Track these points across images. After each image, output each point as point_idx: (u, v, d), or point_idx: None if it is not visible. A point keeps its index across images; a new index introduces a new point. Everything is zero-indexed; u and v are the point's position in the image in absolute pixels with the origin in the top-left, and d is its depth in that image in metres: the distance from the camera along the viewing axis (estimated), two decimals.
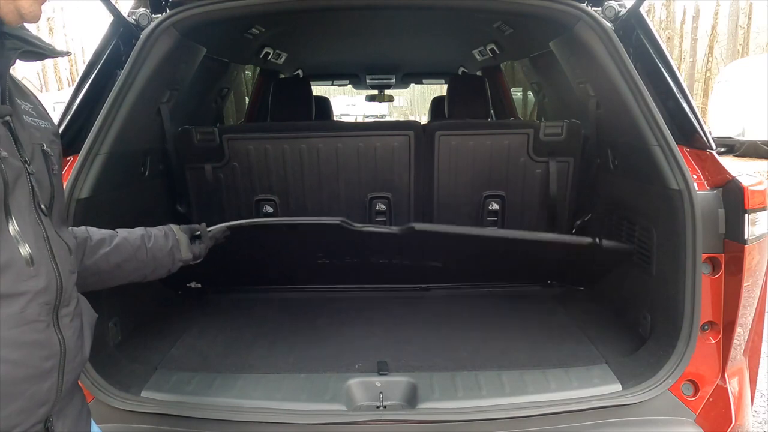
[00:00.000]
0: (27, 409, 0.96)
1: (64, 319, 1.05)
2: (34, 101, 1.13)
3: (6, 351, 0.91)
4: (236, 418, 1.68)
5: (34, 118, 1.07)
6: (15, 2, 0.93)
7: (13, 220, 0.93)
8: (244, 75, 4.80)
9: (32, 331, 0.96)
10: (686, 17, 26.61)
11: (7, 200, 0.91)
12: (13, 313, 0.92)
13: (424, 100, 22.93)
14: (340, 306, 2.52)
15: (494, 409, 1.70)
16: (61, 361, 1.03)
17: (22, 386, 0.94)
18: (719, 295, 1.79)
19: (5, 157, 0.91)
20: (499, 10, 2.41)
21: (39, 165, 1.03)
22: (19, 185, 0.95)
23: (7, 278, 0.91)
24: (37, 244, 0.98)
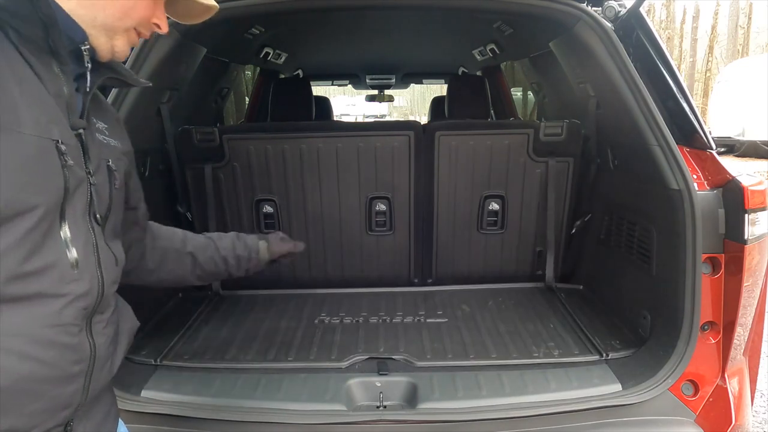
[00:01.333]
0: (48, 410, 0.97)
1: (97, 326, 1.07)
2: (110, 122, 1.22)
3: (37, 349, 0.93)
4: (236, 418, 1.68)
5: (105, 137, 1.16)
6: (112, 41, 1.06)
7: (66, 224, 0.97)
8: (244, 75, 4.81)
9: (66, 333, 0.97)
10: (686, 17, 26.61)
11: (64, 205, 0.96)
12: (51, 313, 0.95)
13: (424, 100, 22.94)
14: (340, 306, 2.52)
15: (494, 409, 1.70)
16: (90, 367, 1.04)
17: (45, 386, 0.95)
18: (719, 295, 1.79)
19: (71, 165, 0.97)
20: (499, 10, 2.41)
21: (102, 178, 1.09)
22: (78, 193, 1.00)
23: (52, 278, 0.94)
24: (85, 250, 1.01)
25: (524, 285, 2.75)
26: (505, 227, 2.69)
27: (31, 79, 0.94)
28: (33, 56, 0.94)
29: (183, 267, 1.60)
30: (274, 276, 2.73)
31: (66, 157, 0.95)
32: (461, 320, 2.34)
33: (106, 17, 1.02)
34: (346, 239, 2.68)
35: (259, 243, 1.76)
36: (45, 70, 0.96)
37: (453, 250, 2.73)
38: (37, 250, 0.92)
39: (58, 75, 0.98)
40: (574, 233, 2.69)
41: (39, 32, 0.93)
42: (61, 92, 0.98)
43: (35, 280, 0.92)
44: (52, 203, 0.94)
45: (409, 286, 2.77)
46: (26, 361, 0.92)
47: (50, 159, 0.94)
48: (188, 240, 1.62)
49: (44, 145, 0.93)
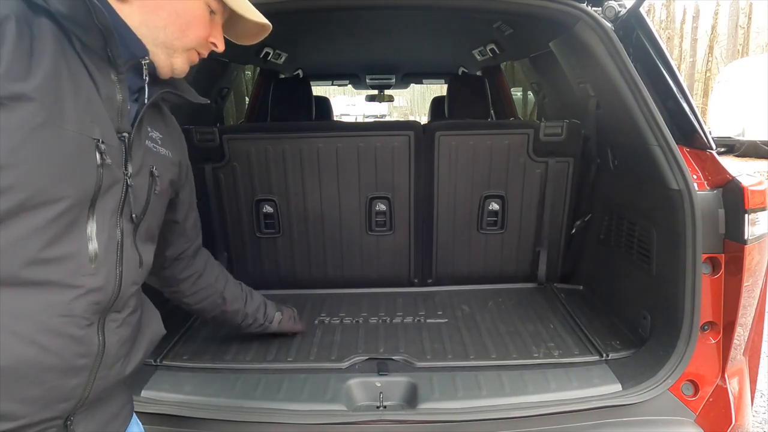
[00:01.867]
0: (45, 400, 0.98)
1: (111, 324, 1.09)
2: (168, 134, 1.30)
3: (42, 336, 0.95)
4: (236, 418, 1.68)
5: (156, 145, 1.23)
6: (171, 59, 1.15)
7: (94, 219, 1.01)
8: (244, 75, 4.81)
9: (74, 325, 1.00)
10: (686, 17, 26.60)
11: (94, 201, 1.01)
12: (62, 302, 0.97)
13: (424, 100, 22.95)
14: (340, 306, 2.52)
15: (494, 409, 1.70)
16: (96, 364, 1.05)
17: (46, 375, 0.97)
18: (719, 295, 1.79)
19: (109, 164, 1.02)
20: (499, 10, 2.41)
21: (142, 181, 1.15)
22: (112, 192, 1.05)
23: (68, 268, 0.98)
24: (107, 247, 1.05)
25: (524, 285, 2.75)
26: (505, 227, 2.69)
27: (85, 83, 1.00)
28: (92, 63, 1.01)
29: (213, 305, 1.83)
30: (273, 276, 2.73)
31: (104, 156, 1.01)
32: (461, 320, 2.34)
33: (167, 36, 1.11)
34: (346, 239, 2.68)
35: (275, 315, 2.06)
36: (101, 77, 1.03)
37: (453, 250, 2.73)
38: (58, 240, 0.96)
39: (114, 82, 1.05)
40: (574, 233, 2.69)
41: (99, 42, 1.00)
42: (113, 98, 1.05)
43: (51, 268, 0.95)
44: (79, 197, 0.98)
45: (409, 286, 2.76)
46: (31, 345, 0.94)
47: (87, 156, 0.99)
48: (228, 285, 1.86)
49: (83, 142, 0.98)
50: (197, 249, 1.70)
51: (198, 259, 1.71)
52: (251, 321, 1.98)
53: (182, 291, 1.72)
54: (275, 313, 2.06)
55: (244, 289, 1.96)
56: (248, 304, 1.95)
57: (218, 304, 1.83)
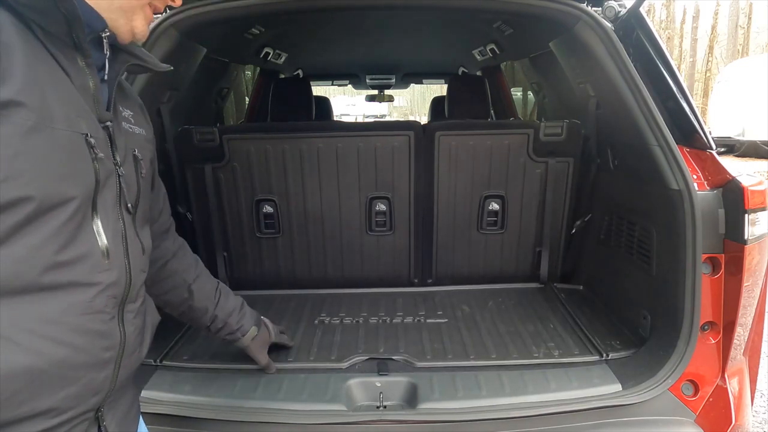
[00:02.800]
0: (81, 395, 1.00)
1: (129, 315, 1.11)
2: (135, 109, 1.25)
3: (71, 336, 0.97)
4: (236, 418, 1.68)
5: (131, 125, 1.18)
6: (131, 23, 1.06)
7: (98, 215, 1.01)
8: (244, 75, 4.81)
9: (97, 320, 1.01)
10: (686, 17, 26.60)
11: (95, 197, 1.00)
12: (83, 301, 0.99)
13: (424, 100, 22.95)
14: (340, 306, 2.52)
15: (494, 409, 1.70)
16: (119, 354, 1.08)
17: (80, 372, 0.99)
18: (719, 295, 1.79)
19: (101, 157, 1.00)
20: (499, 10, 2.41)
21: (129, 168, 1.12)
22: (108, 185, 1.04)
23: (85, 267, 0.98)
24: (115, 240, 1.05)
25: (524, 285, 2.75)
26: (505, 227, 2.69)
27: (59, 76, 0.96)
28: (59, 52, 0.96)
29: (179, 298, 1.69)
30: (273, 276, 2.73)
31: (95, 150, 0.98)
32: (461, 320, 2.34)
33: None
34: (346, 239, 2.68)
35: (251, 328, 1.87)
36: (70, 65, 0.98)
37: (453, 250, 2.73)
38: (72, 241, 0.96)
39: (83, 69, 1.00)
40: (574, 233, 2.69)
41: (62, 27, 0.95)
42: (87, 86, 1.01)
43: (69, 270, 0.96)
44: (85, 195, 0.97)
45: (409, 286, 2.76)
46: (62, 346, 0.95)
47: (81, 152, 0.97)
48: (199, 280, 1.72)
49: (75, 140, 0.95)
50: (163, 230, 1.57)
51: (168, 242, 1.60)
52: (220, 325, 1.79)
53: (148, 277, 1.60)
54: (251, 327, 1.87)
55: (220, 289, 1.79)
56: (219, 307, 1.78)
57: (185, 298, 1.68)
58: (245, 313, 1.88)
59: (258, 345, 1.90)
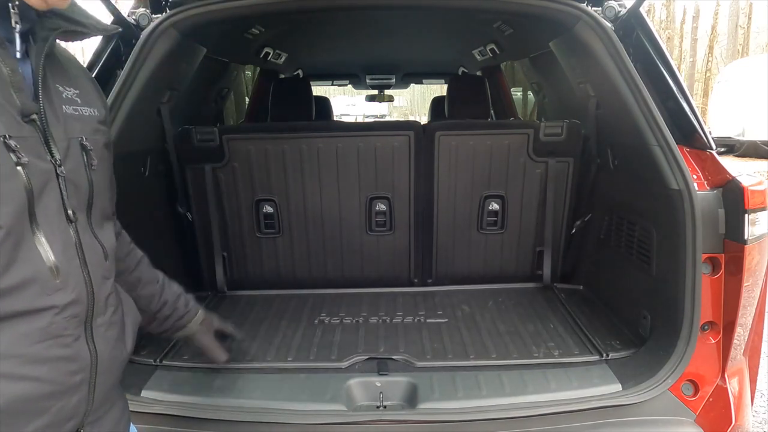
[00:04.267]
0: (54, 424, 0.92)
1: (99, 329, 1.00)
2: (81, 84, 1.04)
3: (28, 368, 0.87)
4: (236, 418, 1.68)
5: (77, 106, 0.99)
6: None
7: (40, 229, 0.86)
8: (244, 75, 4.81)
9: (58, 346, 0.91)
10: (686, 17, 26.59)
11: (32, 209, 0.85)
12: (37, 329, 0.87)
13: (424, 100, 22.93)
14: (340, 306, 2.52)
15: (494, 409, 1.70)
16: (92, 373, 0.99)
17: (47, 402, 0.90)
18: (719, 295, 1.79)
19: (26, 162, 0.83)
20: (499, 10, 2.41)
21: (74, 162, 0.95)
22: (47, 190, 0.88)
23: (31, 293, 0.86)
24: (66, 254, 0.91)
25: (524, 285, 2.75)
26: (505, 227, 2.69)
27: None
28: None
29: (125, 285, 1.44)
30: (273, 276, 2.73)
31: (18, 154, 0.81)
32: (461, 320, 2.34)
33: None
34: (346, 239, 2.68)
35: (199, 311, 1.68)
36: None
37: (453, 250, 2.73)
38: (11, 265, 0.82)
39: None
40: (574, 233, 2.69)
41: None
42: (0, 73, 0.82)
43: (13, 298, 0.84)
44: (14, 214, 0.82)
45: (409, 286, 2.76)
46: (18, 381, 0.86)
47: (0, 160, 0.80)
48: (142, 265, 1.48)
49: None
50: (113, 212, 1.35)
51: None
52: (168, 312, 1.56)
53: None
54: (199, 310, 1.68)
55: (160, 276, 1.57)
56: (166, 292, 1.55)
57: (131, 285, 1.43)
58: (189, 298, 1.66)
59: (206, 331, 1.70)
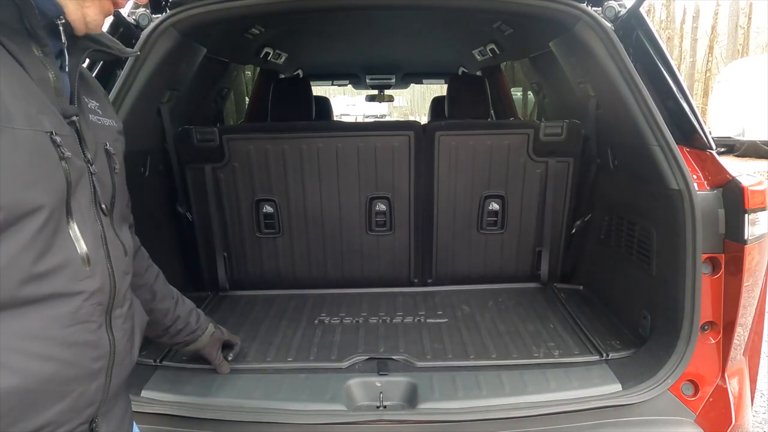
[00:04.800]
0: (75, 409, 0.97)
1: (117, 321, 1.06)
2: (101, 98, 1.16)
3: (58, 350, 0.92)
4: (236, 418, 1.68)
5: (100, 117, 1.10)
6: (82, 10, 0.96)
7: (74, 219, 0.94)
8: (244, 75, 4.81)
9: (84, 331, 0.96)
10: (686, 17, 26.60)
11: (69, 200, 0.93)
12: (67, 312, 0.93)
13: (424, 100, 22.94)
14: (340, 306, 2.52)
15: (494, 409, 1.70)
16: (110, 363, 1.04)
17: (71, 386, 0.95)
18: (719, 295, 1.79)
19: (69, 157, 0.92)
20: (499, 10, 2.41)
21: (101, 164, 1.04)
22: (81, 185, 0.96)
23: (64, 277, 0.92)
24: (95, 244, 0.98)
25: (524, 285, 2.75)
26: (505, 227, 2.69)
27: (13, 68, 0.87)
28: (11, 42, 0.88)
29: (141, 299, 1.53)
30: (273, 276, 2.73)
31: (63, 149, 0.90)
32: (461, 320, 2.34)
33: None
34: (346, 239, 2.68)
35: (209, 325, 1.86)
36: (25, 55, 0.90)
37: (453, 250, 2.73)
38: (48, 250, 0.89)
39: (40, 59, 0.92)
40: (574, 233, 2.69)
41: (12, 14, 0.87)
42: (46, 77, 0.92)
43: (49, 281, 0.90)
44: (56, 200, 0.90)
45: (409, 286, 2.76)
46: (49, 362, 0.91)
47: (47, 153, 0.89)
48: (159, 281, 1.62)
49: (38, 139, 0.87)
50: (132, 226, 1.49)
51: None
52: (181, 326, 1.73)
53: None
54: (209, 324, 1.86)
55: (175, 291, 1.73)
56: (179, 307, 1.72)
57: (147, 299, 1.57)
58: (201, 313, 1.84)
59: (214, 344, 1.88)
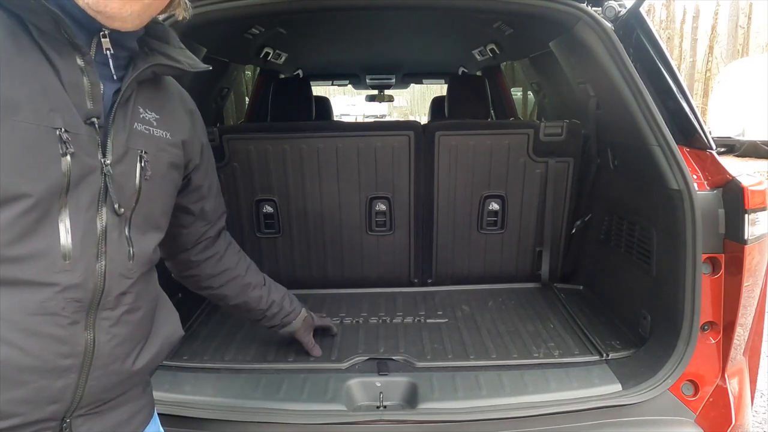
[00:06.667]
0: (31, 401, 0.95)
1: (103, 322, 1.04)
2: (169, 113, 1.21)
3: (17, 336, 0.92)
4: (236, 418, 1.68)
5: (150, 127, 1.14)
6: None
7: (67, 213, 0.96)
8: (244, 75, 4.81)
9: (51, 324, 0.96)
10: (686, 17, 26.59)
11: (67, 195, 0.96)
12: (35, 301, 0.94)
13: (424, 100, 22.93)
14: (340, 306, 2.52)
15: (494, 409, 1.70)
16: (85, 364, 1.01)
17: (27, 376, 0.94)
18: (719, 295, 1.79)
19: (74, 153, 0.96)
20: (499, 10, 2.41)
21: (126, 168, 1.07)
22: (86, 183, 0.99)
23: (39, 266, 0.94)
24: (84, 241, 0.99)
25: (524, 285, 2.75)
26: (505, 227, 2.69)
27: (43, 71, 0.94)
28: (52, 49, 0.95)
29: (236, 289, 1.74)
30: (273, 276, 2.72)
31: (68, 145, 0.95)
32: (461, 320, 2.34)
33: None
34: (346, 239, 2.69)
35: (302, 310, 1.98)
36: (64, 62, 0.96)
37: (453, 250, 2.73)
38: (27, 237, 0.92)
39: (80, 67, 0.98)
40: (574, 233, 2.69)
41: (51, 25, 0.94)
42: (79, 83, 0.98)
43: (21, 266, 0.92)
44: (44, 191, 0.93)
45: (409, 286, 2.76)
46: (6, 345, 0.91)
47: (47, 147, 0.93)
48: (251, 270, 1.79)
49: (41, 134, 0.92)
50: (219, 231, 1.62)
51: (219, 241, 1.64)
52: (276, 310, 1.87)
53: (201, 274, 1.63)
54: (302, 309, 1.98)
55: (266, 278, 1.88)
56: (272, 293, 1.86)
57: (241, 288, 1.74)
58: (294, 298, 1.97)
59: (306, 328, 1.99)
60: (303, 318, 1.97)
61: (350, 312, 2.45)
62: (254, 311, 1.84)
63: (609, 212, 2.43)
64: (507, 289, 2.70)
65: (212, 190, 1.50)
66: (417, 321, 2.35)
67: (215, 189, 1.52)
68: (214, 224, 1.57)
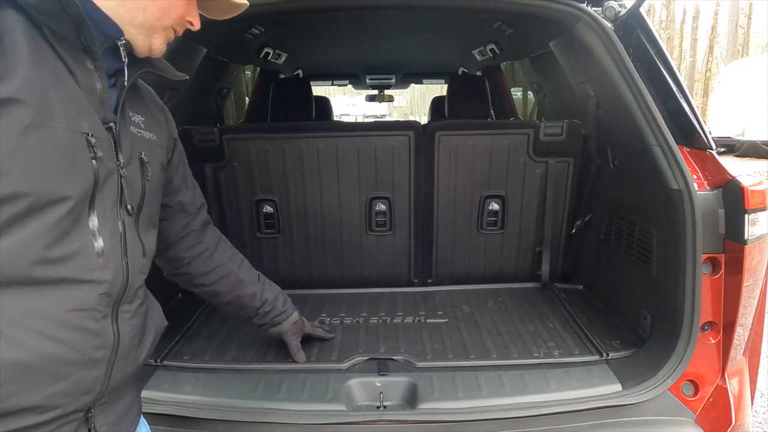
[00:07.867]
0: (70, 393, 1.00)
1: (124, 315, 1.11)
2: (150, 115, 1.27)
3: (60, 331, 0.97)
4: (236, 418, 1.68)
5: (140, 130, 1.20)
6: (150, 40, 1.11)
7: (95, 214, 1.02)
8: (244, 75, 4.81)
9: (88, 318, 1.02)
10: (686, 17, 26.59)
11: (94, 195, 1.01)
12: (74, 297, 0.99)
13: (424, 100, 22.92)
14: (341, 306, 2.52)
15: (494, 409, 1.70)
16: (113, 354, 1.08)
17: (69, 368, 0.99)
18: (719, 296, 1.79)
19: (101, 157, 1.02)
20: (499, 10, 2.41)
21: (133, 170, 1.14)
22: (108, 184, 1.05)
23: (77, 264, 0.99)
24: (112, 240, 1.06)
25: (524, 285, 2.75)
26: (505, 227, 2.69)
27: (64, 76, 0.98)
28: (67, 53, 0.99)
29: (228, 286, 1.76)
30: (273, 276, 2.72)
31: (96, 149, 1.00)
32: (461, 320, 2.34)
33: (146, 17, 1.08)
34: (346, 239, 2.68)
35: (294, 312, 1.98)
36: (78, 67, 1.00)
37: (453, 250, 2.73)
38: (64, 238, 0.97)
39: (91, 71, 1.03)
40: (574, 233, 2.69)
41: (71, 30, 0.97)
42: (93, 87, 1.03)
43: (61, 266, 0.97)
44: (81, 194, 0.98)
45: (409, 286, 2.76)
46: (51, 341, 0.96)
47: (80, 151, 0.98)
48: (243, 267, 1.81)
49: (74, 138, 0.97)
50: (204, 224, 1.64)
51: (207, 235, 1.66)
52: (269, 308, 1.89)
53: (193, 272, 1.66)
54: (294, 312, 1.98)
55: (260, 275, 1.90)
56: (266, 290, 1.88)
57: (233, 285, 1.77)
58: (287, 299, 1.98)
59: (295, 332, 1.99)
60: (294, 321, 1.98)
61: (350, 312, 2.45)
62: (247, 308, 1.86)
63: (609, 212, 2.43)
64: (507, 289, 2.70)
65: (187, 183, 1.54)
66: (417, 321, 2.35)
67: (190, 181, 1.56)
68: (196, 216, 1.59)
